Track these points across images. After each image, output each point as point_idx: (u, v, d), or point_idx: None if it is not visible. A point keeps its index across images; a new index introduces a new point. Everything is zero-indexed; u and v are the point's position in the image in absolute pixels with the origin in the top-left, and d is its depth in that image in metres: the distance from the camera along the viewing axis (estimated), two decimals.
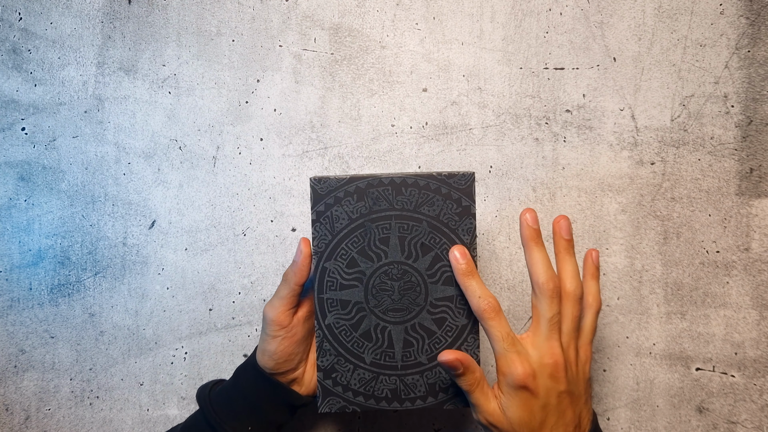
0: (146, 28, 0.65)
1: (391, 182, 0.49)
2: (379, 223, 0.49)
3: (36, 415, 0.64)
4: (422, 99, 0.64)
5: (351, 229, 0.49)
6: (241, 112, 0.65)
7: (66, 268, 0.64)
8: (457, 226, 0.49)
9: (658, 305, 0.63)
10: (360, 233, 0.49)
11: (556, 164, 0.63)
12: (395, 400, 0.50)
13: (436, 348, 0.50)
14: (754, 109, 0.62)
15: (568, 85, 0.63)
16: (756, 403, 0.61)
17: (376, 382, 0.50)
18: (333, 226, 0.49)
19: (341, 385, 0.50)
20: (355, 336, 0.50)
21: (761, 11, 0.62)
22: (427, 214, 0.49)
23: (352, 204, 0.49)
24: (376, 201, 0.49)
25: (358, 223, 0.49)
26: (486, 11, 0.64)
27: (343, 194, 0.49)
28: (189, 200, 0.64)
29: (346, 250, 0.49)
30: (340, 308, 0.50)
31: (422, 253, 0.49)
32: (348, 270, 0.49)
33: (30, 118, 0.64)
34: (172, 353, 0.64)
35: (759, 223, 0.62)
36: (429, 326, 0.49)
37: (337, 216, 0.49)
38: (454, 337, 0.49)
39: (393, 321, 0.49)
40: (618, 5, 0.63)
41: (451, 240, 0.49)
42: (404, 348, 0.50)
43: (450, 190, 0.49)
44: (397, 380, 0.50)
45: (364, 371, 0.50)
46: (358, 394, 0.50)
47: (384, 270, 0.49)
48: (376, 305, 0.49)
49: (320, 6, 0.64)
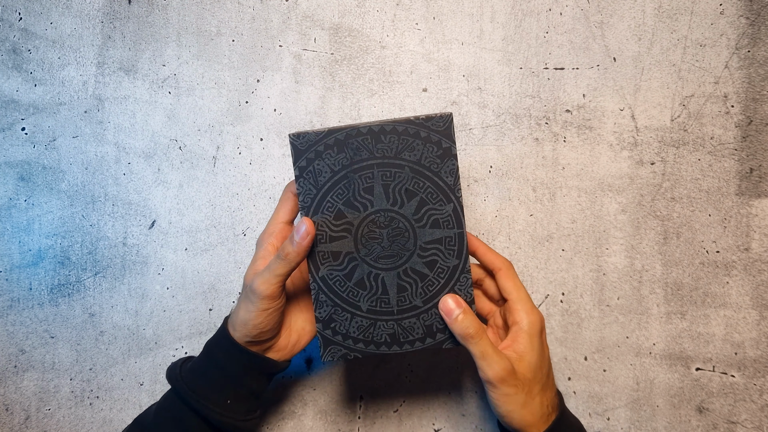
0: (146, 28, 0.65)
1: (369, 131, 0.49)
2: (362, 173, 0.49)
3: (36, 415, 0.64)
4: (422, 99, 0.64)
5: (334, 181, 0.49)
6: (241, 112, 0.65)
7: (66, 268, 0.64)
8: (439, 169, 0.49)
9: (658, 305, 0.63)
10: (344, 185, 0.49)
11: (556, 164, 0.63)
12: (395, 344, 0.51)
13: (429, 291, 0.50)
14: (754, 109, 0.62)
15: (568, 85, 0.63)
16: (756, 403, 0.61)
17: (374, 328, 0.51)
18: (317, 180, 0.49)
19: (341, 334, 0.51)
20: (350, 285, 0.50)
21: (761, 11, 0.62)
22: (409, 159, 0.49)
23: (333, 156, 0.49)
24: (357, 151, 0.49)
25: (341, 175, 0.49)
26: (486, 11, 0.64)
27: (323, 147, 0.49)
28: (189, 200, 0.64)
29: (332, 203, 0.50)
30: (332, 260, 0.50)
31: (407, 198, 0.49)
32: (336, 222, 0.50)
33: (30, 118, 0.64)
34: (172, 353, 0.64)
35: (759, 223, 0.62)
36: (421, 270, 0.50)
37: (320, 170, 0.49)
38: (446, 278, 0.50)
39: (385, 268, 0.50)
40: (618, 5, 0.63)
41: (435, 183, 0.49)
42: (398, 293, 0.50)
43: (429, 133, 0.49)
44: (395, 325, 0.51)
45: (361, 319, 0.51)
46: (358, 341, 0.51)
47: (371, 219, 0.50)
48: (366, 254, 0.50)
49: (320, 6, 0.64)
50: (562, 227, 0.63)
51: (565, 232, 0.63)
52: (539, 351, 0.49)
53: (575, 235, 0.63)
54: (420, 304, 0.50)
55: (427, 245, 0.50)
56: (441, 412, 0.63)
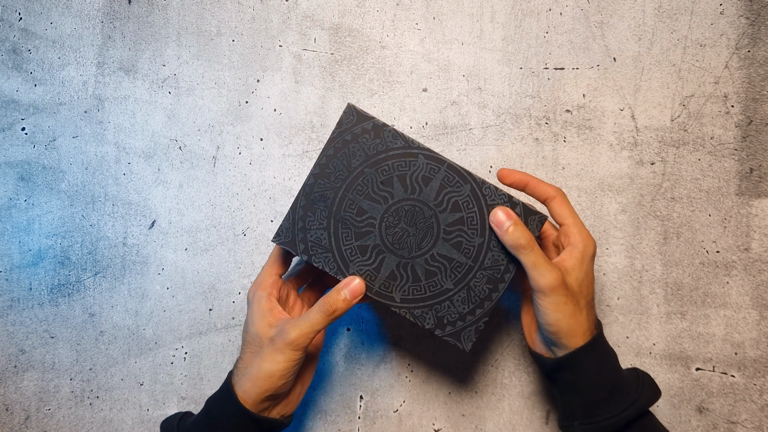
0: (146, 28, 0.65)
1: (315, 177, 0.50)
2: (344, 206, 0.50)
3: (36, 415, 0.64)
4: (422, 99, 0.64)
5: (334, 233, 0.51)
6: (241, 112, 0.65)
7: (66, 268, 0.64)
8: (385, 146, 0.50)
9: (658, 305, 0.63)
10: (342, 228, 0.51)
11: (556, 164, 0.63)
12: (499, 283, 0.51)
13: (476, 227, 0.51)
14: (754, 109, 0.62)
15: (568, 85, 0.63)
16: (756, 403, 0.61)
17: (471, 290, 0.51)
18: (323, 247, 0.51)
19: (457, 320, 0.51)
20: (424, 284, 0.51)
21: (761, 11, 0.62)
22: (360, 163, 0.50)
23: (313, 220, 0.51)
24: (324, 198, 0.50)
25: (333, 225, 0.51)
26: (486, 11, 0.64)
27: (301, 223, 0.51)
28: (189, 200, 0.64)
29: (349, 247, 0.51)
30: (360, 255, 0.51)
31: (390, 186, 0.50)
32: (365, 256, 0.51)
33: (30, 118, 0.64)
34: (172, 353, 0.64)
35: (759, 223, 0.62)
36: (447, 253, 0.51)
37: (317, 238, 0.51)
38: (473, 257, 0.51)
39: (431, 245, 0.51)
40: (618, 5, 0.63)
41: (394, 156, 0.50)
42: (458, 250, 0.51)
43: (351, 132, 0.50)
44: (482, 273, 0.51)
45: (457, 294, 0.51)
46: (474, 311, 0.51)
47: (384, 226, 0.51)
48: (409, 251, 0.51)
49: (320, 6, 0.64)
50: None
51: None
52: (588, 270, 0.51)
53: None
54: (480, 239, 0.51)
55: (438, 200, 0.51)
56: (441, 412, 0.63)
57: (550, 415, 0.62)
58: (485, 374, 0.63)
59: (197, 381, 0.64)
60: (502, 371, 0.63)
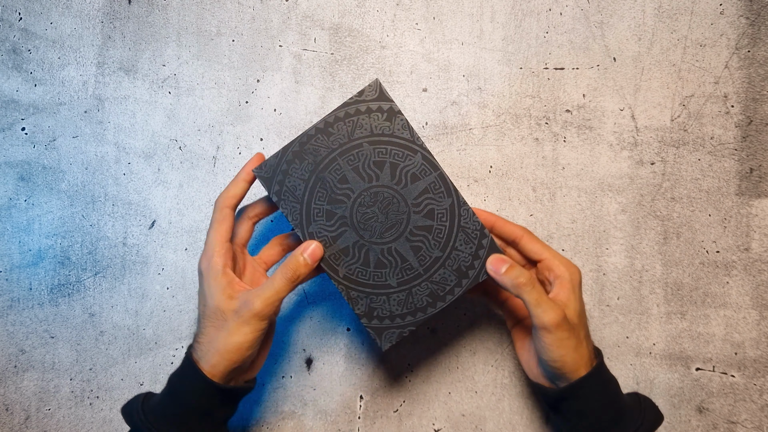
0: (146, 28, 0.65)
1: (317, 130, 0.51)
2: (329, 168, 0.51)
3: (36, 415, 0.64)
4: (422, 99, 0.64)
5: (310, 188, 0.51)
6: (241, 112, 0.65)
7: (66, 268, 0.64)
8: (392, 130, 0.51)
9: (658, 305, 0.62)
10: (320, 187, 0.51)
11: (556, 164, 0.63)
12: (438, 300, 0.52)
13: (441, 238, 0.51)
14: (754, 109, 0.62)
15: (568, 85, 0.63)
16: (756, 403, 0.61)
17: (411, 296, 0.52)
18: (295, 196, 0.51)
19: (387, 317, 0.52)
20: (371, 271, 0.52)
21: (761, 11, 0.62)
22: (362, 135, 0.51)
23: (298, 167, 0.51)
24: (315, 153, 0.51)
25: (313, 180, 0.51)
26: (486, 11, 0.64)
27: (285, 165, 0.51)
28: (189, 200, 0.64)
29: (318, 208, 0.51)
30: (344, 256, 0.52)
31: (379, 169, 0.51)
32: (329, 222, 0.51)
33: (30, 118, 0.64)
34: (172, 353, 0.64)
35: (759, 223, 0.62)
36: (423, 224, 0.52)
37: (293, 186, 0.51)
38: (449, 218, 0.51)
39: (392, 239, 0.52)
40: (618, 5, 0.63)
41: (395, 144, 0.51)
42: (416, 254, 0.52)
43: (367, 105, 0.51)
44: (428, 284, 0.52)
45: (397, 294, 0.52)
46: (405, 316, 0.52)
47: (358, 203, 0.51)
48: (370, 235, 0.51)
49: (320, 6, 0.64)
50: (562, 227, 0.63)
51: (565, 232, 0.63)
52: (580, 299, 0.52)
53: (575, 235, 0.63)
54: (439, 253, 0.52)
55: (417, 201, 0.51)
56: (441, 412, 0.63)
57: (550, 415, 0.62)
58: (485, 374, 0.63)
59: None
60: (502, 371, 0.63)
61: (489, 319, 0.63)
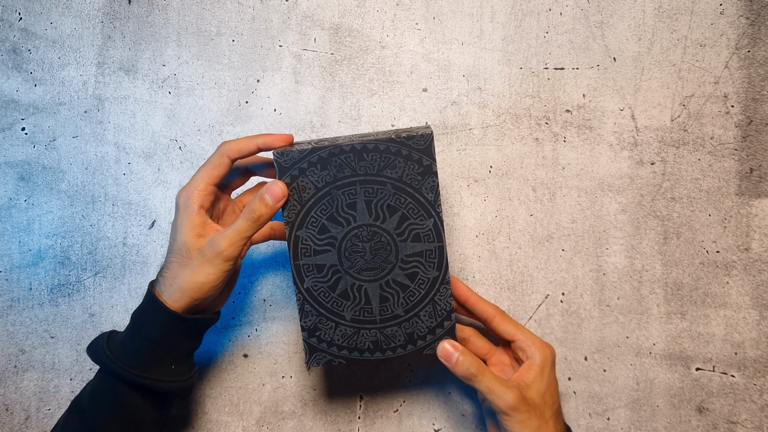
0: (146, 28, 0.65)
1: (352, 149, 0.50)
2: (345, 189, 0.50)
3: (36, 415, 0.64)
4: (422, 99, 0.64)
5: (318, 197, 0.50)
6: (241, 112, 0.65)
7: (66, 268, 0.64)
8: (420, 186, 0.50)
9: (658, 305, 0.63)
10: (327, 200, 0.51)
11: (556, 164, 0.63)
12: (377, 350, 0.53)
13: (411, 300, 0.52)
14: (754, 109, 0.62)
15: (568, 85, 0.63)
16: (756, 403, 0.61)
17: (357, 336, 0.52)
18: (301, 196, 0.50)
19: (325, 342, 0.52)
20: (334, 296, 0.52)
21: (761, 11, 0.62)
22: (391, 176, 0.50)
23: (316, 173, 0.50)
24: (340, 168, 0.50)
25: (324, 191, 0.50)
26: (486, 11, 0.64)
27: (307, 165, 0.50)
28: None
29: (316, 218, 0.51)
30: (317, 272, 0.52)
31: (389, 214, 0.51)
32: (320, 236, 0.51)
33: (30, 118, 0.64)
34: None
35: (759, 223, 0.62)
36: (402, 281, 0.52)
37: (304, 186, 0.50)
38: (427, 288, 0.52)
39: (368, 279, 0.52)
40: (618, 5, 0.63)
41: (416, 199, 0.51)
42: (381, 303, 0.52)
43: (410, 151, 0.50)
44: (377, 333, 0.52)
45: (345, 327, 0.52)
46: (342, 348, 0.53)
47: (354, 233, 0.51)
48: (350, 266, 0.52)
49: (320, 6, 0.64)
50: (562, 227, 0.63)
51: (565, 232, 0.63)
52: (549, 380, 0.53)
53: (575, 235, 0.63)
54: (402, 313, 0.52)
55: (408, 258, 0.52)
56: (441, 412, 0.63)
57: None
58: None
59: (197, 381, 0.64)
60: None
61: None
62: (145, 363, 0.50)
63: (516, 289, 0.64)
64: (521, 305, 0.63)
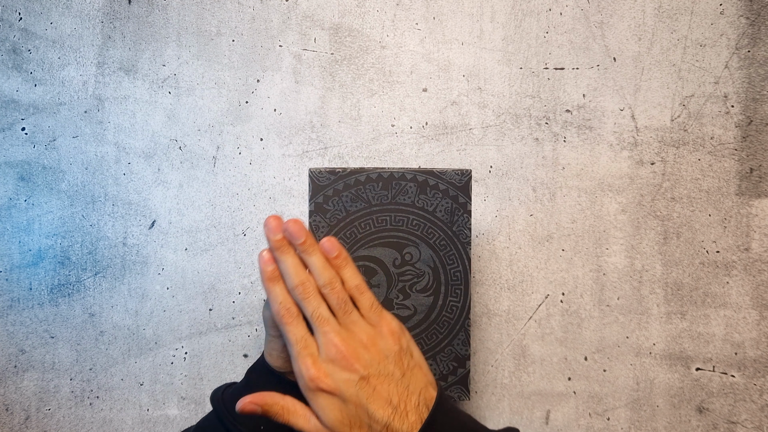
0: (146, 28, 0.65)
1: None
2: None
3: (36, 415, 0.64)
4: (422, 99, 0.64)
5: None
6: (241, 112, 0.65)
7: (66, 268, 0.64)
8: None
9: (658, 305, 0.62)
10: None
11: (556, 164, 0.63)
12: None
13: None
14: (754, 109, 0.62)
15: (568, 85, 0.63)
16: (756, 403, 0.61)
17: None
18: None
19: None
20: None
21: (761, 11, 0.62)
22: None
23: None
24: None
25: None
26: (486, 11, 0.64)
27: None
28: (189, 200, 0.64)
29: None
30: None
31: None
32: None
33: (30, 118, 0.64)
34: (172, 353, 0.64)
35: (759, 223, 0.62)
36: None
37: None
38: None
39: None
40: (618, 5, 0.63)
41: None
42: None
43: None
44: None
45: None
46: None
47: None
48: None
49: (320, 6, 0.64)
50: (562, 227, 0.63)
51: (565, 232, 0.63)
52: (328, 407, 0.44)
53: (575, 235, 0.63)
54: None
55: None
56: None
57: (550, 415, 0.62)
58: (485, 374, 0.63)
59: (197, 381, 0.64)
60: (502, 371, 0.63)
61: (489, 318, 0.63)
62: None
63: (516, 289, 0.64)
64: (521, 305, 0.63)
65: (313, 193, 0.50)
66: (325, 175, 0.49)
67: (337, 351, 0.43)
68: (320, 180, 0.49)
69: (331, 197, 0.50)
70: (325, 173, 0.49)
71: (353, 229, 0.50)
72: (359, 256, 0.50)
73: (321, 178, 0.49)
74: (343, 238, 0.50)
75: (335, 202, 0.50)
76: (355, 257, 0.50)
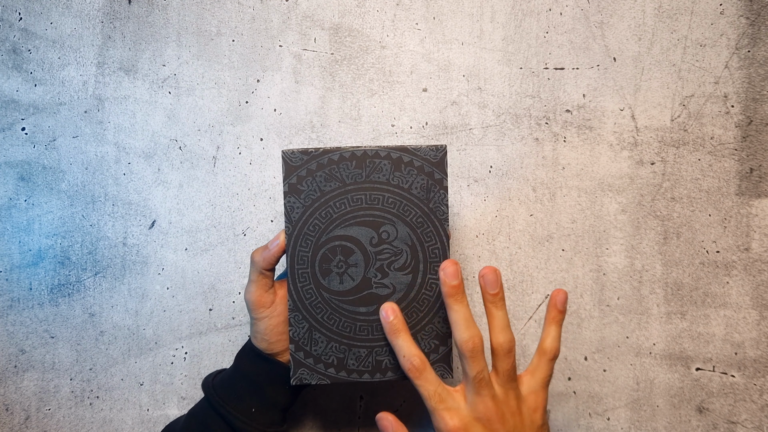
0: (146, 28, 0.65)
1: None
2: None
3: (36, 415, 0.64)
4: (422, 99, 0.64)
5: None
6: (241, 112, 0.65)
7: (66, 268, 0.64)
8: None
9: (658, 305, 0.63)
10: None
11: (556, 164, 0.63)
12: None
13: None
14: (754, 109, 0.62)
15: (568, 85, 0.63)
16: (756, 403, 0.61)
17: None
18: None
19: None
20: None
21: (761, 11, 0.62)
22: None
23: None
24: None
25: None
26: (486, 11, 0.64)
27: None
28: (189, 200, 0.64)
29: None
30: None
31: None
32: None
33: (30, 118, 0.64)
34: (172, 353, 0.64)
35: (759, 223, 0.62)
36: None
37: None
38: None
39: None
40: (618, 5, 0.63)
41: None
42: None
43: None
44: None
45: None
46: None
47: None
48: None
49: (320, 6, 0.64)
50: (562, 227, 0.63)
51: (565, 232, 0.63)
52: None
53: (575, 235, 0.63)
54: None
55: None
56: None
57: (549, 414, 0.62)
58: None
59: (197, 381, 0.64)
60: None
61: None
62: (232, 397, 0.52)
63: (516, 289, 0.64)
64: (521, 305, 0.63)
65: (287, 173, 0.49)
66: (298, 156, 0.49)
67: (487, 411, 0.44)
68: (293, 160, 0.49)
69: (305, 177, 0.49)
70: (298, 153, 0.49)
71: (328, 209, 0.49)
72: (335, 236, 0.49)
73: (294, 158, 0.49)
74: (318, 218, 0.49)
75: (309, 182, 0.49)
76: (331, 237, 0.49)
